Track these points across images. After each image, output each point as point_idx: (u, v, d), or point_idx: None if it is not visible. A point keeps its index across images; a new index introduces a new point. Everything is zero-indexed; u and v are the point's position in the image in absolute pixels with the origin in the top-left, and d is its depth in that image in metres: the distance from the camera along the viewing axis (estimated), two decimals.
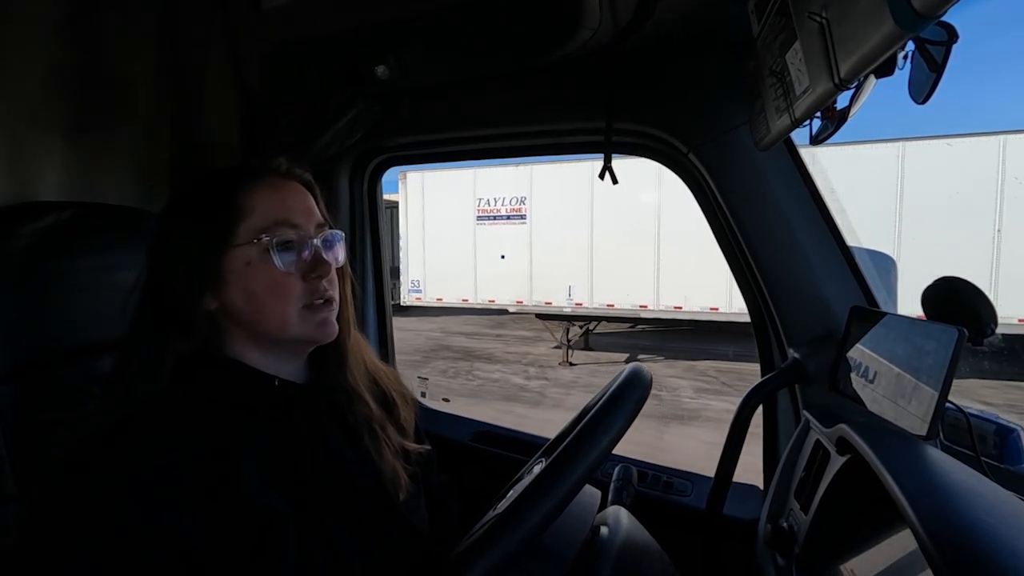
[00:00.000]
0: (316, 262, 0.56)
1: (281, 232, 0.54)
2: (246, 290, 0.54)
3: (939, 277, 0.70)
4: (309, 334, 0.56)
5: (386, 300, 1.43)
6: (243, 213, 0.54)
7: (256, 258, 0.53)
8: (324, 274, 0.56)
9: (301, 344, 0.59)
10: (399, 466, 0.61)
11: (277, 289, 0.54)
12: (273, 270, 0.54)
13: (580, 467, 0.50)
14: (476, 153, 1.27)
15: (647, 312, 7.11)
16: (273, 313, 0.54)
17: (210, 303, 0.54)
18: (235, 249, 0.53)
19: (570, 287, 7.32)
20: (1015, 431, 0.73)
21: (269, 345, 0.57)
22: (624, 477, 0.84)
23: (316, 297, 0.56)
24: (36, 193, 0.81)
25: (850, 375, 0.76)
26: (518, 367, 7.08)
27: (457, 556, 0.48)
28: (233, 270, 0.53)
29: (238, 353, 0.57)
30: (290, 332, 0.55)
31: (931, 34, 0.53)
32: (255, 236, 0.54)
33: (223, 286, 0.54)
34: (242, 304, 0.54)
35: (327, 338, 0.58)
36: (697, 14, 0.82)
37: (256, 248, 0.54)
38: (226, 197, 0.55)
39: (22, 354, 0.71)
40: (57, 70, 0.85)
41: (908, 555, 0.54)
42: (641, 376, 0.58)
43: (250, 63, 1.07)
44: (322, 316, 0.57)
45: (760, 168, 0.90)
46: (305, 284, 0.55)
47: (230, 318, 0.55)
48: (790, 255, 0.91)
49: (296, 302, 0.55)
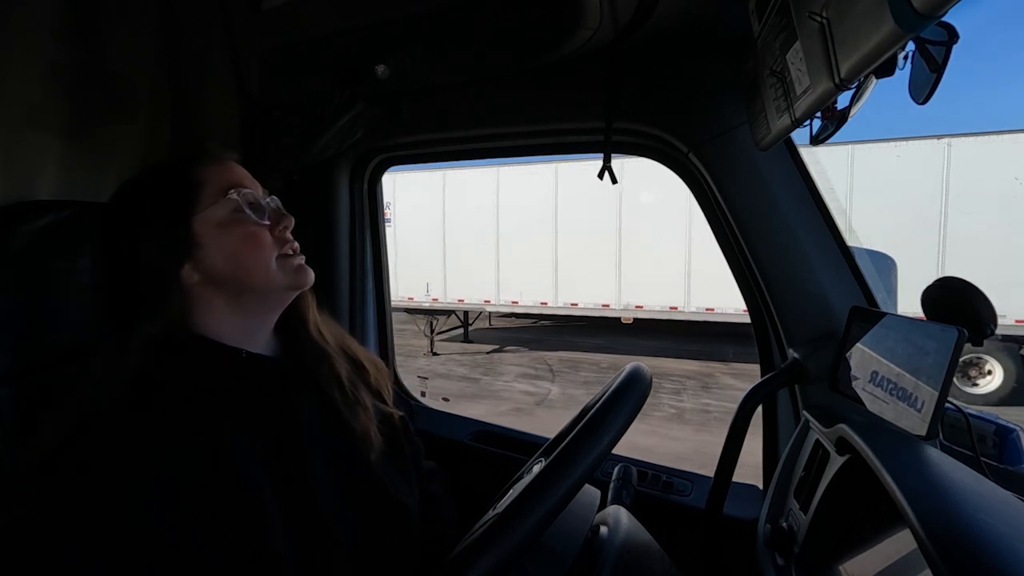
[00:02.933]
0: (279, 215, 0.60)
1: (241, 191, 0.58)
2: (224, 249, 0.56)
3: (939, 277, 0.70)
4: (291, 280, 0.60)
5: (386, 300, 1.43)
6: (199, 184, 0.57)
7: (227, 217, 0.57)
8: (289, 225, 0.61)
9: (284, 294, 0.61)
10: (372, 424, 0.63)
11: (253, 240, 0.57)
12: (246, 224, 0.57)
13: (579, 467, 0.50)
14: (476, 153, 1.27)
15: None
16: (256, 265, 0.57)
17: (190, 275, 0.55)
18: (203, 212, 0.56)
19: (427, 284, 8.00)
20: (1014, 431, 0.73)
21: (252, 305, 0.59)
22: (624, 477, 0.84)
23: (287, 247, 0.60)
24: (35, 193, 0.81)
25: (850, 375, 0.76)
26: None
27: (456, 556, 0.48)
28: (207, 233, 0.56)
29: (208, 327, 0.57)
30: (274, 281, 0.58)
31: (931, 34, 0.53)
32: (220, 195, 0.57)
33: (199, 251, 0.55)
34: (223, 264, 0.56)
35: (308, 282, 0.62)
36: (697, 14, 0.82)
37: (224, 207, 0.57)
38: (180, 173, 0.58)
39: (21, 354, 0.71)
40: (56, 70, 0.85)
41: (907, 555, 0.54)
42: (641, 375, 0.58)
43: (250, 64, 1.07)
44: (297, 262, 0.61)
45: (760, 168, 0.90)
46: (274, 237, 0.59)
47: (212, 284, 0.57)
48: (790, 255, 0.91)
49: (271, 252, 0.58)
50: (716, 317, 6.70)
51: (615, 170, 1.02)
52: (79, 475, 0.45)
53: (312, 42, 1.00)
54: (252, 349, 0.59)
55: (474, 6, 0.87)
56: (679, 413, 5.33)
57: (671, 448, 4.20)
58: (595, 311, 7.36)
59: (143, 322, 0.53)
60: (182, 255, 0.55)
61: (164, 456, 0.47)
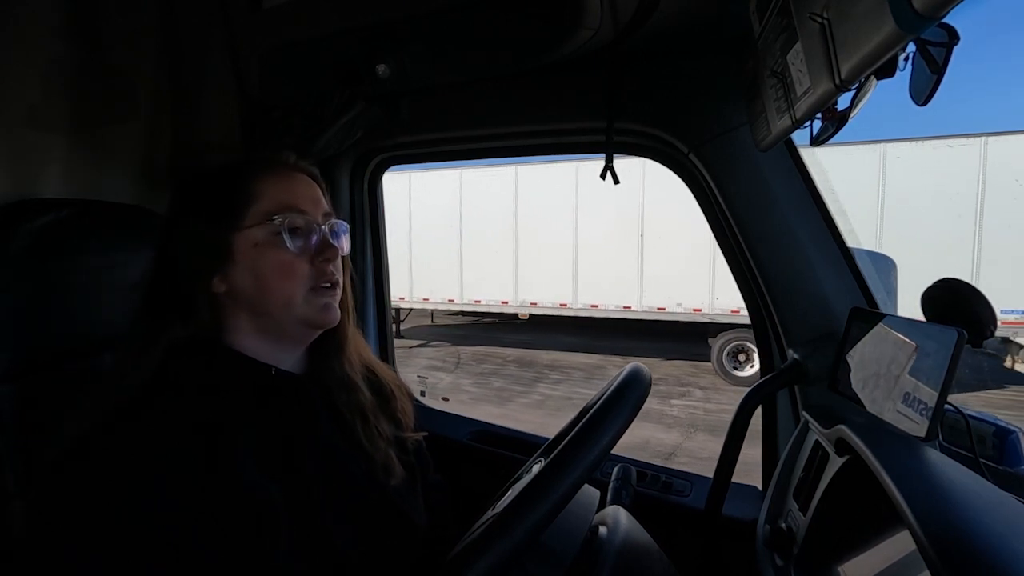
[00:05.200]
0: (323, 246, 0.58)
1: (290, 217, 0.56)
2: (254, 271, 0.55)
3: (939, 279, 0.70)
4: (313, 317, 0.58)
5: (386, 300, 1.43)
6: (252, 197, 0.56)
7: (265, 240, 0.55)
8: (331, 258, 0.58)
9: (304, 329, 0.60)
10: (392, 455, 0.62)
11: (285, 270, 0.56)
12: (282, 252, 0.56)
13: (579, 467, 0.50)
14: (476, 153, 1.27)
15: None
16: (279, 294, 0.56)
17: (218, 286, 0.55)
18: (244, 231, 0.55)
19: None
20: (1014, 432, 0.73)
21: (271, 330, 0.58)
22: (623, 477, 0.84)
23: (323, 280, 0.58)
24: (36, 191, 0.81)
25: (850, 376, 0.76)
26: None
27: (455, 556, 0.49)
28: (242, 251, 0.55)
29: (237, 341, 0.57)
30: (294, 313, 0.57)
31: (932, 35, 0.53)
32: (265, 218, 0.55)
33: (232, 267, 0.55)
34: (249, 285, 0.55)
35: (330, 323, 0.59)
36: (698, 14, 0.82)
37: (265, 230, 0.55)
38: (236, 182, 0.57)
39: (22, 353, 0.71)
40: (57, 69, 0.85)
41: (906, 556, 0.54)
42: (640, 375, 0.58)
43: (250, 63, 1.06)
44: (326, 300, 0.58)
45: (760, 168, 0.90)
46: (312, 267, 0.57)
47: (236, 301, 0.56)
48: (790, 256, 0.91)
49: (303, 284, 0.57)
50: (599, 313, 7.25)
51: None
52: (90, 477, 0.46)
53: (312, 42, 1.00)
54: (281, 367, 0.59)
55: (474, 6, 0.87)
56: (544, 400, 5.72)
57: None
58: (496, 307, 7.82)
59: (171, 321, 0.54)
60: (216, 266, 0.55)
61: (170, 460, 0.47)
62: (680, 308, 6.67)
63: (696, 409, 5.48)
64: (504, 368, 7.11)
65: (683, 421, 5.17)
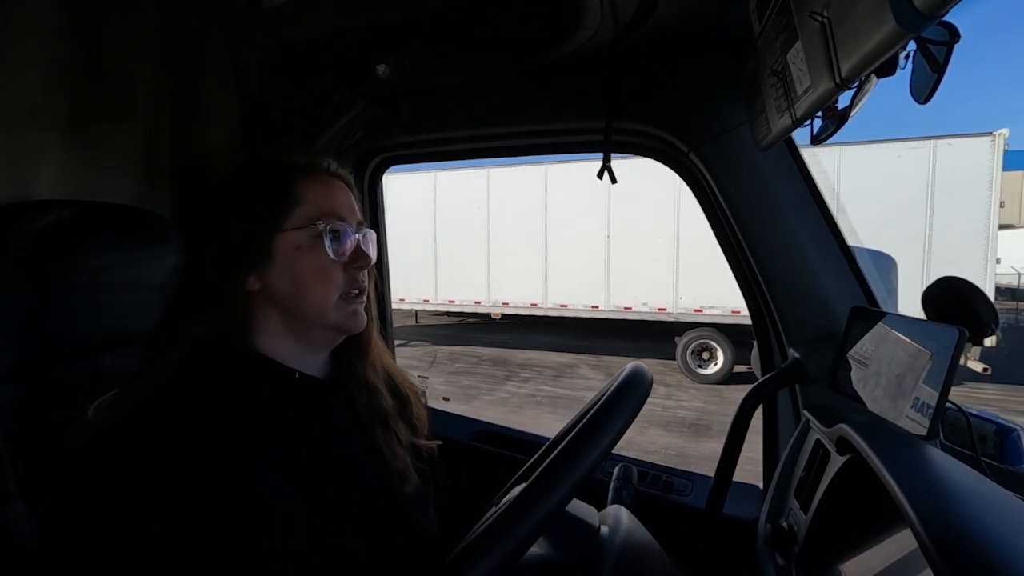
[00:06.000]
0: (358, 253, 0.59)
1: (332, 223, 0.57)
2: (292, 272, 0.56)
3: (939, 277, 0.70)
4: (343, 322, 0.59)
5: (387, 300, 1.43)
6: (297, 200, 0.57)
7: (306, 243, 0.56)
8: (364, 266, 0.60)
9: (332, 333, 0.60)
10: (408, 462, 0.63)
11: (322, 274, 0.57)
12: (321, 256, 0.56)
13: (580, 467, 0.50)
14: (475, 153, 1.27)
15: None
16: (315, 298, 0.57)
17: (253, 284, 0.56)
18: (286, 232, 0.56)
19: None
20: (1015, 431, 0.73)
21: (301, 332, 0.59)
22: (624, 476, 0.84)
23: (354, 287, 0.59)
24: (35, 192, 0.81)
25: (850, 375, 0.76)
26: None
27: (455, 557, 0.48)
28: (282, 252, 0.56)
29: (264, 343, 0.57)
30: (327, 318, 0.58)
31: (933, 34, 0.53)
32: (308, 222, 0.56)
33: (270, 267, 0.56)
34: (286, 286, 0.56)
35: (358, 328, 0.60)
36: (697, 13, 0.82)
37: (307, 234, 0.56)
38: (283, 183, 0.58)
39: (22, 353, 0.71)
40: (56, 70, 0.85)
41: (908, 555, 0.54)
42: (641, 375, 0.58)
43: (250, 63, 1.06)
44: (355, 306, 0.59)
45: (761, 168, 0.90)
46: (345, 274, 0.58)
47: (270, 301, 0.57)
48: (791, 255, 0.91)
49: (336, 290, 0.58)
50: (569, 313, 7.45)
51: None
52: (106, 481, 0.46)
53: (312, 42, 1.00)
54: (305, 371, 0.59)
55: (474, 6, 0.87)
56: (508, 398, 5.82)
57: None
58: (469, 307, 8.01)
59: (200, 319, 0.54)
60: (254, 264, 0.56)
61: (186, 465, 0.47)
62: (646, 307, 6.86)
63: (655, 406, 5.63)
64: (477, 367, 7.25)
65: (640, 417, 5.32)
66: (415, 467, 0.63)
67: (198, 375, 0.53)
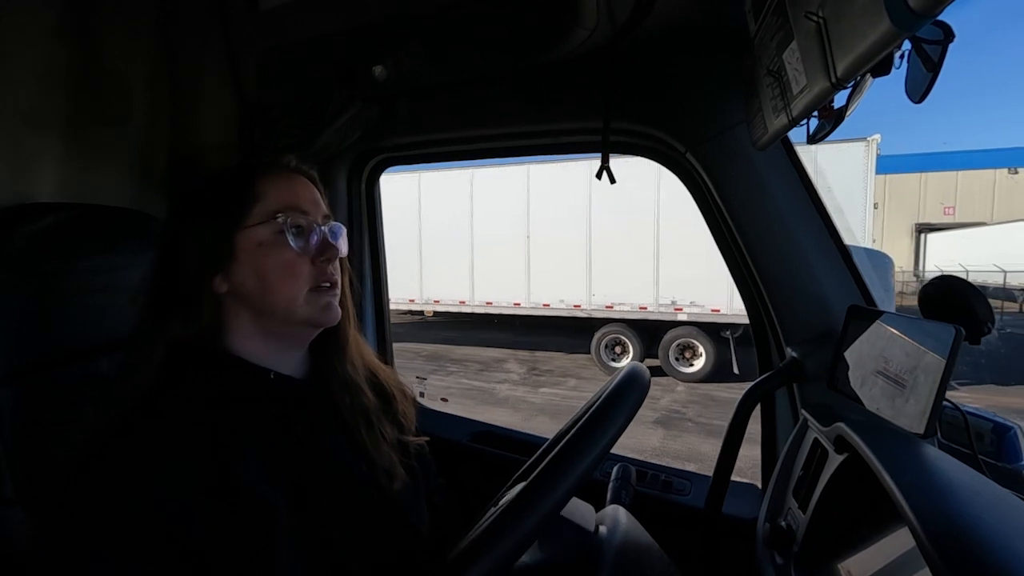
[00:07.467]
0: (324, 246, 0.59)
1: (293, 216, 0.57)
2: (257, 270, 0.56)
3: (936, 276, 0.70)
4: (314, 316, 0.58)
5: (384, 300, 1.43)
6: (256, 197, 0.57)
7: (269, 239, 0.56)
8: (332, 258, 0.59)
9: (305, 329, 0.60)
10: (395, 459, 0.62)
11: (287, 269, 0.56)
12: (285, 251, 0.56)
13: (578, 467, 0.50)
14: (473, 153, 1.27)
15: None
16: (282, 294, 0.56)
17: (220, 285, 0.56)
18: (248, 229, 0.56)
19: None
20: (1012, 429, 0.74)
21: (273, 331, 0.58)
22: (623, 476, 0.84)
23: (323, 280, 0.58)
24: (33, 195, 0.81)
25: (848, 374, 0.76)
26: None
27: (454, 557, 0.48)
28: (245, 250, 0.56)
29: (238, 345, 0.57)
30: (296, 314, 0.57)
31: (928, 33, 0.53)
32: (269, 217, 0.56)
33: (235, 266, 0.55)
34: (252, 285, 0.56)
35: (331, 321, 0.60)
36: (694, 13, 0.82)
37: (269, 229, 0.56)
38: (240, 182, 0.58)
39: (20, 356, 0.71)
40: (54, 71, 0.85)
41: (906, 553, 0.54)
42: (640, 375, 0.58)
43: (248, 63, 1.06)
44: (327, 299, 0.59)
45: (757, 167, 0.90)
46: (313, 268, 0.58)
47: (239, 301, 0.56)
48: (788, 254, 0.91)
49: (304, 284, 0.57)
50: (493, 310, 7.91)
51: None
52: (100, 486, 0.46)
53: (310, 42, 1.00)
54: (281, 371, 0.59)
55: (472, 6, 0.87)
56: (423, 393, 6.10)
57: None
58: (404, 305, 8.41)
59: (172, 323, 0.54)
60: (218, 265, 0.55)
61: (174, 468, 0.47)
62: (563, 304, 7.35)
63: (555, 396, 5.85)
64: (411, 362, 7.52)
65: (535, 406, 5.58)
66: (403, 463, 0.63)
67: (175, 380, 0.52)
